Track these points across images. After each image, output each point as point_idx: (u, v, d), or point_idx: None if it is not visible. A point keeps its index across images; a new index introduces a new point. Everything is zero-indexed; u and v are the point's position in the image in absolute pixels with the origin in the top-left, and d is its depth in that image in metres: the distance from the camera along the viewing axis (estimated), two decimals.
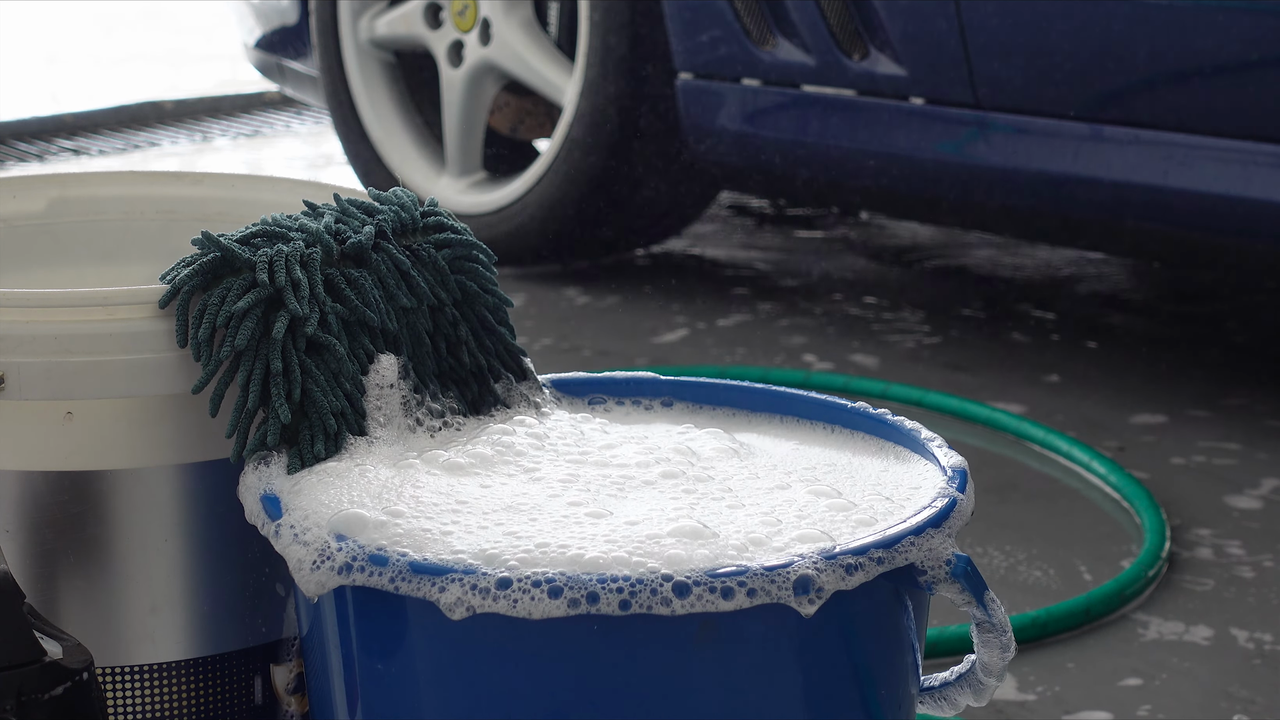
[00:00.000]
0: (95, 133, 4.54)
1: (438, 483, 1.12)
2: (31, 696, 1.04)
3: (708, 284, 3.03)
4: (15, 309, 1.15)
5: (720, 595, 1.00)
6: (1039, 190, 2.40)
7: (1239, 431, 2.25)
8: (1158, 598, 1.79)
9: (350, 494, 1.10)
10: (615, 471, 1.16)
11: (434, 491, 1.11)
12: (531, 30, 2.98)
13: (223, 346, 1.15)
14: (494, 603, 1.00)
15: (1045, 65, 2.34)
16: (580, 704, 1.02)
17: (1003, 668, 1.13)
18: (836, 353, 2.61)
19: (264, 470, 1.14)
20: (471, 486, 1.12)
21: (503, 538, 1.05)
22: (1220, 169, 2.21)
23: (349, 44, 3.20)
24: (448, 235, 1.26)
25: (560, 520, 1.08)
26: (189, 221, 1.46)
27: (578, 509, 1.09)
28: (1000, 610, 1.10)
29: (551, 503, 1.10)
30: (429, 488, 1.12)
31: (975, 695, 1.16)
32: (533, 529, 1.06)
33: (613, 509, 1.10)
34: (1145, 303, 2.90)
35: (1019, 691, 1.60)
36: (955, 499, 1.11)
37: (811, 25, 2.54)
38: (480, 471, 1.15)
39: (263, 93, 4.92)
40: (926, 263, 3.17)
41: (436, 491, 1.11)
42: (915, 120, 2.49)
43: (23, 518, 1.17)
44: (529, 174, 2.96)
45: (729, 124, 2.70)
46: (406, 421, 1.20)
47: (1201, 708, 1.57)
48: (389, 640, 1.05)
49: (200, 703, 1.21)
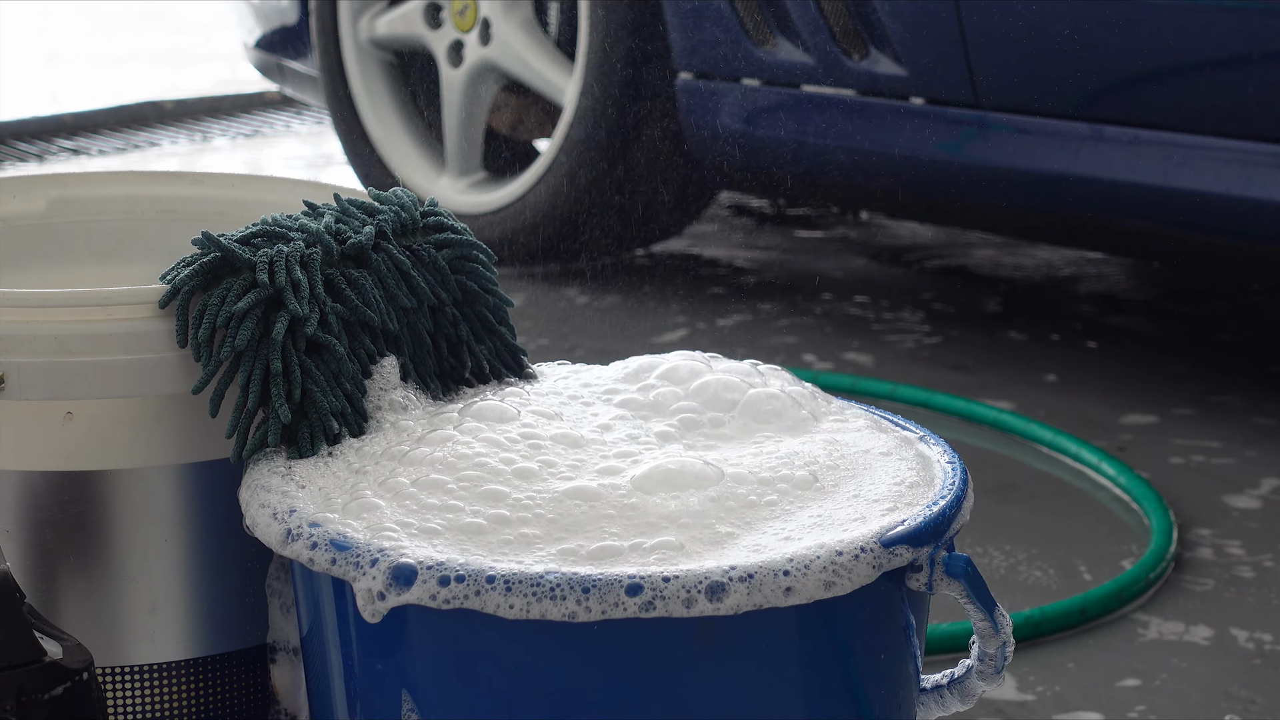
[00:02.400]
0: (95, 133, 4.54)
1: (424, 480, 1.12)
2: (31, 696, 1.04)
3: (708, 284, 3.03)
4: (15, 309, 1.15)
5: (717, 595, 1.00)
6: (1039, 190, 2.40)
7: (1239, 431, 2.25)
8: (1158, 598, 1.79)
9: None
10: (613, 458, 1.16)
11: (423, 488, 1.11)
12: (531, 30, 2.98)
13: (223, 347, 1.15)
14: (480, 601, 1.00)
15: (1045, 65, 2.34)
16: (579, 704, 1.02)
17: (1002, 667, 1.13)
18: (836, 353, 2.61)
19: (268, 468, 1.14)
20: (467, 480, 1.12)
21: (500, 534, 1.05)
22: (1220, 169, 2.21)
23: (349, 44, 3.20)
24: (448, 235, 1.26)
25: (560, 510, 1.08)
26: (189, 221, 1.46)
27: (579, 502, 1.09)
28: (1000, 610, 1.10)
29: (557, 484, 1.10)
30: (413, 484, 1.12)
31: (974, 695, 1.16)
32: (531, 517, 1.07)
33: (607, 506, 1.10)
34: (1145, 303, 2.90)
35: (1019, 691, 1.60)
36: (955, 499, 1.11)
37: (811, 25, 2.54)
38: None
39: (263, 93, 4.92)
40: (926, 263, 3.17)
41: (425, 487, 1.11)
42: (915, 120, 2.49)
43: (23, 518, 1.17)
44: (529, 174, 2.96)
45: (729, 124, 2.70)
46: (406, 420, 1.20)
47: (1201, 708, 1.57)
48: (387, 639, 1.05)
49: (200, 703, 1.21)
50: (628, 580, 1.00)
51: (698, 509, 1.09)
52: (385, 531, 1.06)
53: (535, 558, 1.04)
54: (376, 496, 1.09)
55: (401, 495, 1.10)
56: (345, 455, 1.16)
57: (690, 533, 1.07)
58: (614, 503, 1.10)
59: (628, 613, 0.99)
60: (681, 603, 0.99)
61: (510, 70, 2.99)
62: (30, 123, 4.52)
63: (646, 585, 0.99)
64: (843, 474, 1.15)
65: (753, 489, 1.12)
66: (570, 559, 1.04)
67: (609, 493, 1.11)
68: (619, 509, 1.10)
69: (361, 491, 1.10)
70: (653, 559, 1.04)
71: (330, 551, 1.04)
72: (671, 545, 1.06)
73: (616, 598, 0.99)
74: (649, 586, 0.99)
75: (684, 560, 1.04)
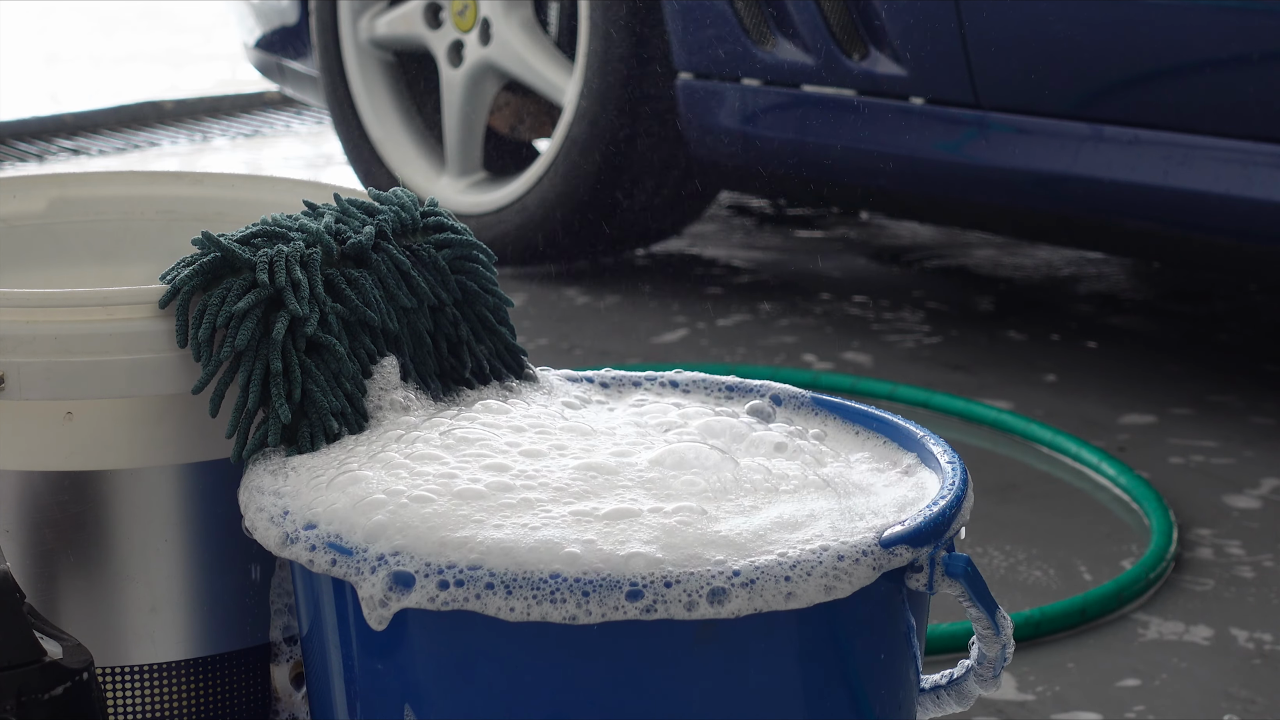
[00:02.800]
0: (95, 133, 4.54)
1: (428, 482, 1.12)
2: (31, 696, 1.04)
3: (708, 284, 3.03)
4: (15, 309, 1.15)
5: (719, 599, 1.00)
6: (1039, 190, 2.40)
7: (1239, 431, 2.25)
8: (1158, 598, 1.79)
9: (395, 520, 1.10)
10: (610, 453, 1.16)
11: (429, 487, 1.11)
12: (531, 30, 2.98)
13: (223, 347, 1.15)
14: (480, 604, 1.00)
15: (1045, 65, 2.34)
16: (578, 705, 1.02)
17: (1002, 667, 1.13)
18: (836, 352, 2.61)
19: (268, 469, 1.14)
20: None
21: (507, 532, 1.05)
22: (1220, 169, 2.21)
23: (349, 44, 3.20)
24: (448, 235, 1.26)
25: (561, 518, 1.08)
26: (189, 221, 1.46)
27: (583, 509, 1.09)
28: (1000, 610, 1.10)
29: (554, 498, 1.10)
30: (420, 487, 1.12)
31: (973, 695, 1.16)
32: (535, 520, 1.07)
33: (600, 505, 1.09)
34: (1145, 303, 2.90)
35: (1018, 691, 1.60)
36: (955, 499, 1.11)
37: (811, 25, 2.54)
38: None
39: (263, 93, 4.92)
40: (926, 263, 3.17)
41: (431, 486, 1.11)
42: (915, 120, 2.49)
43: (23, 518, 1.17)
44: (529, 174, 2.96)
45: (729, 124, 2.70)
46: (406, 420, 1.20)
47: (1201, 708, 1.57)
48: (387, 639, 1.05)
49: (200, 703, 1.21)
50: (629, 585, 1.00)
51: (719, 485, 1.09)
52: (371, 501, 1.05)
53: (541, 519, 1.04)
54: (365, 469, 1.09)
55: (392, 465, 1.10)
56: (344, 453, 1.16)
57: (713, 502, 1.07)
58: (632, 476, 1.10)
59: (626, 615, 0.99)
60: (683, 606, 0.99)
61: (510, 70, 2.99)
62: (30, 123, 4.52)
63: (647, 591, 0.99)
64: (852, 485, 1.15)
65: (768, 478, 1.12)
66: (584, 521, 1.04)
67: (626, 469, 1.11)
68: (637, 481, 1.10)
69: (348, 465, 1.10)
70: (675, 520, 1.04)
71: (330, 553, 1.04)
72: (693, 510, 1.05)
73: (617, 601, 0.99)
74: (650, 591, 0.99)
75: (707, 524, 1.04)
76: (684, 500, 1.07)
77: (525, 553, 1.01)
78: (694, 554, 1.01)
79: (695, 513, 1.05)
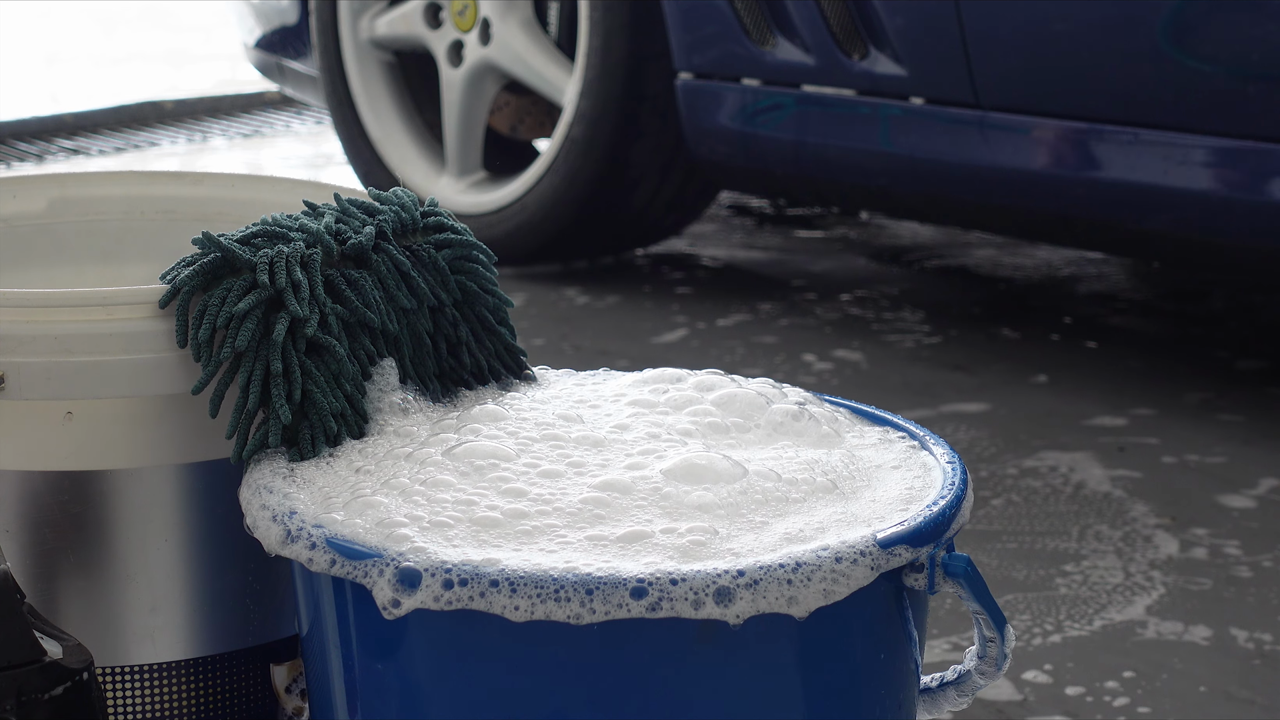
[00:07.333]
0: (95, 133, 4.54)
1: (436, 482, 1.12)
2: (31, 696, 1.04)
3: (707, 284, 3.03)
4: (15, 309, 1.15)
5: (720, 600, 1.00)
6: (1039, 190, 2.40)
7: (1237, 431, 2.25)
8: (1158, 598, 1.79)
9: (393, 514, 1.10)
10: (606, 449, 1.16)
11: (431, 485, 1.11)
12: (531, 30, 2.98)
13: (223, 347, 1.15)
14: (485, 602, 1.00)
15: (1045, 65, 2.34)
16: (578, 705, 1.02)
17: (1002, 666, 1.13)
18: (836, 353, 2.61)
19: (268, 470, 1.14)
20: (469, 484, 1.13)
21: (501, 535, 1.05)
22: (1222, 169, 2.21)
23: (349, 44, 3.20)
24: (448, 235, 1.26)
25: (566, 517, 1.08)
26: (189, 221, 1.46)
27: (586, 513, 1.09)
28: (999, 609, 1.10)
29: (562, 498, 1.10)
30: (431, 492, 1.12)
31: (973, 694, 1.16)
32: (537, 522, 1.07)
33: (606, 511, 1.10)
34: (1144, 303, 2.90)
35: (1017, 691, 1.60)
36: (955, 499, 1.11)
37: (811, 25, 2.54)
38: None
39: (263, 93, 4.92)
40: (926, 263, 3.17)
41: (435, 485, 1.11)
42: (915, 120, 2.49)
43: (23, 518, 1.17)
44: (529, 174, 2.96)
45: (729, 124, 2.70)
46: (408, 425, 1.20)
47: (1201, 708, 1.57)
48: (388, 639, 1.05)
49: (200, 703, 1.21)
50: (634, 583, 1.00)
51: (730, 500, 1.09)
52: (393, 526, 1.06)
53: (558, 544, 1.04)
54: (380, 494, 1.09)
55: (408, 493, 1.10)
56: (347, 455, 1.16)
57: (725, 520, 1.07)
58: (645, 494, 1.10)
59: (628, 614, 0.99)
60: (690, 604, 1.00)
61: (510, 70, 2.99)
62: (30, 123, 4.52)
63: (652, 589, 0.99)
64: (860, 483, 1.15)
65: (777, 485, 1.12)
66: (599, 545, 1.04)
67: (640, 484, 1.11)
68: (651, 497, 1.10)
69: (361, 489, 1.10)
70: (688, 540, 1.04)
71: (329, 552, 1.04)
72: (705, 530, 1.06)
73: (621, 599, 0.99)
74: (655, 589, 1.00)
75: (719, 544, 1.04)
76: (696, 520, 1.07)
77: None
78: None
79: (708, 533, 1.06)
